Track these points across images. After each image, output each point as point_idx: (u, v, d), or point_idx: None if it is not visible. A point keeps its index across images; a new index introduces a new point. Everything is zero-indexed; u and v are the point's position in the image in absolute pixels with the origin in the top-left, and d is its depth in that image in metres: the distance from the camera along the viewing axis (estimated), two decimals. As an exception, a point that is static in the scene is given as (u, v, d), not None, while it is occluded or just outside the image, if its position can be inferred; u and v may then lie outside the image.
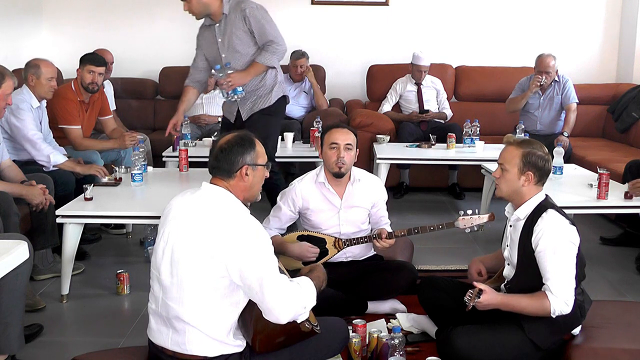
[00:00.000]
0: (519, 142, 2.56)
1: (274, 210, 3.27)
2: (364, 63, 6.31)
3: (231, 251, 1.99)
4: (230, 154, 2.15)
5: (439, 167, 5.46)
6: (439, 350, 2.60)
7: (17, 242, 2.04)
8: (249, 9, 3.70)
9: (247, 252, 1.99)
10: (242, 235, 2.01)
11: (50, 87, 3.97)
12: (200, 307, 2.04)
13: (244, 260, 1.98)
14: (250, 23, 3.70)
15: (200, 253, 2.01)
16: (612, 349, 2.45)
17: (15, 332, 2.58)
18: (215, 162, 2.17)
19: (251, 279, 1.98)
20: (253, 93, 3.87)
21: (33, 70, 3.93)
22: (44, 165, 3.89)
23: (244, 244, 2.00)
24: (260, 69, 3.81)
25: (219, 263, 2.00)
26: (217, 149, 2.18)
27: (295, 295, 2.03)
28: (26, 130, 3.85)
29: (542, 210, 2.45)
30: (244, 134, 2.23)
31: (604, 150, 5.37)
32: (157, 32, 6.32)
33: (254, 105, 3.89)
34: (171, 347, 2.09)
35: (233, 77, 3.72)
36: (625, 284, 3.67)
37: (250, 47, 3.78)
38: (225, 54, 3.79)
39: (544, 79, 5.28)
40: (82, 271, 3.75)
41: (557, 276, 2.36)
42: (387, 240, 3.06)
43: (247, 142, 2.19)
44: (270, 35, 3.76)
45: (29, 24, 6.12)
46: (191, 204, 2.14)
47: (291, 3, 6.37)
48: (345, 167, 3.10)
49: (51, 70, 3.99)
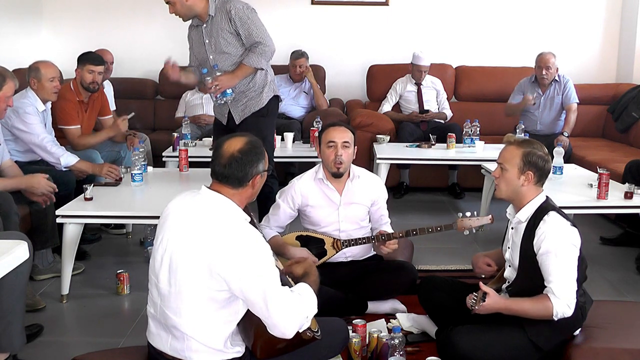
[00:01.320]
0: (520, 141, 2.56)
1: (273, 209, 3.27)
2: (364, 63, 6.31)
3: (232, 267, 1.94)
4: (246, 165, 2.07)
5: (439, 167, 5.46)
6: (439, 350, 2.60)
7: (17, 242, 2.04)
8: (234, 10, 3.61)
9: (249, 269, 1.94)
10: (243, 251, 1.96)
11: (53, 87, 3.95)
12: (199, 319, 2.01)
13: (246, 277, 1.94)
14: (236, 24, 3.62)
15: (199, 266, 1.97)
16: (612, 349, 2.45)
17: (17, 331, 2.58)
18: (226, 171, 2.06)
19: (254, 295, 1.94)
20: (243, 95, 3.79)
21: (34, 73, 3.92)
22: (55, 165, 3.88)
23: (245, 260, 1.95)
24: (248, 70, 3.71)
25: (218, 277, 1.96)
26: (228, 158, 2.07)
27: (299, 308, 2.00)
28: (35, 135, 3.84)
29: (544, 212, 2.45)
30: (254, 141, 2.14)
31: (604, 150, 5.37)
32: (157, 32, 6.33)
33: (246, 108, 3.82)
34: (170, 352, 2.08)
35: (220, 79, 3.62)
36: (625, 284, 3.67)
37: (237, 48, 3.70)
38: (213, 55, 3.73)
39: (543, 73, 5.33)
40: (82, 271, 3.75)
41: (559, 279, 2.36)
42: (390, 245, 3.06)
43: (260, 150, 2.13)
44: (257, 36, 3.65)
45: (29, 24, 6.12)
46: (191, 211, 2.07)
47: (291, 3, 6.37)
48: (343, 166, 3.10)
49: (52, 71, 3.97)
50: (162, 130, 5.95)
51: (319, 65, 6.21)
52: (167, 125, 5.98)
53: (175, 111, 6.00)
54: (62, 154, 3.89)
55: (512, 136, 5.00)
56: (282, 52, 6.16)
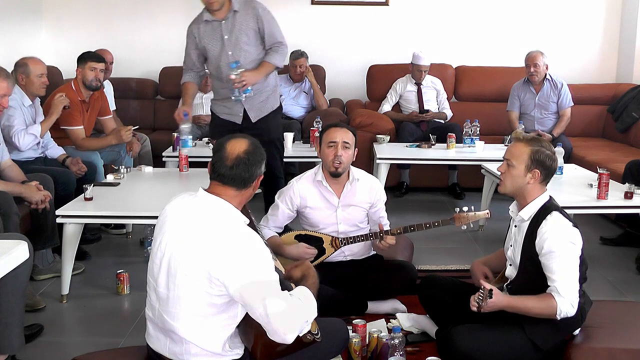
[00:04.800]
0: (529, 139, 2.54)
1: (271, 209, 3.27)
2: (364, 63, 6.30)
3: (231, 273, 1.93)
4: (252, 165, 2.05)
5: (439, 167, 5.46)
6: (439, 350, 2.60)
7: (17, 242, 2.04)
8: (260, 9, 3.71)
9: (248, 275, 1.92)
10: (243, 256, 1.94)
11: (41, 83, 3.97)
12: (197, 324, 2.00)
13: (245, 283, 1.92)
14: (263, 23, 3.70)
15: (198, 271, 1.96)
16: (612, 349, 2.45)
17: (16, 332, 2.57)
18: (233, 172, 2.03)
19: (253, 301, 1.92)
20: (260, 93, 3.85)
21: (22, 69, 3.93)
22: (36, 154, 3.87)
23: (244, 265, 1.93)
24: (270, 69, 3.80)
25: (217, 282, 1.94)
26: (234, 159, 2.03)
27: (299, 313, 1.99)
28: (13, 128, 3.84)
29: (547, 212, 2.45)
30: (255, 142, 2.13)
31: (604, 150, 5.37)
32: (157, 32, 6.32)
33: (264, 106, 3.86)
34: (169, 355, 2.07)
35: (247, 76, 3.65)
36: (625, 284, 3.67)
37: (256, 46, 3.77)
38: (232, 51, 3.75)
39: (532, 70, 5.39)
40: (82, 271, 3.75)
41: (563, 278, 2.36)
42: (388, 241, 3.07)
43: (262, 151, 2.12)
44: (279, 36, 3.78)
45: (29, 24, 6.12)
46: (189, 215, 2.05)
47: (291, 3, 6.37)
48: (342, 166, 3.10)
49: (40, 67, 3.99)
50: (162, 130, 5.95)
51: (319, 65, 6.20)
52: (167, 125, 5.97)
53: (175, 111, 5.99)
54: (23, 147, 3.87)
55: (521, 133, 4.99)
56: (282, 52, 6.20)
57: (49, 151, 4.14)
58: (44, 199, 3.45)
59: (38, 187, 3.46)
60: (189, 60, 3.94)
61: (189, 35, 3.89)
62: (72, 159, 4.07)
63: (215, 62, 3.83)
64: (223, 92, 3.89)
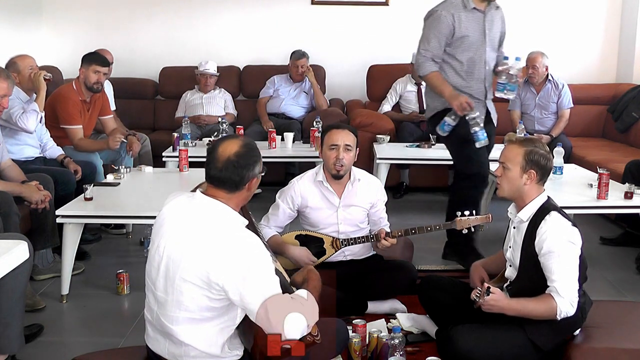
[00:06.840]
0: (521, 140, 2.56)
1: (272, 209, 3.27)
2: (364, 63, 6.30)
3: (230, 277, 1.90)
4: (242, 168, 2.01)
5: (439, 167, 5.45)
6: (439, 350, 2.60)
7: (17, 242, 2.04)
8: (502, 11, 3.68)
9: (248, 279, 1.90)
10: (242, 260, 1.91)
11: (34, 75, 3.97)
12: (196, 327, 1.98)
13: (245, 287, 1.89)
14: (504, 27, 3.71)
15: (196, 275, 1.94)
16: (612, 349, 2.45)
17: (15, 332, 2.57)
18: (222, 175, 2.01)
19: (254, 305, 1.89)
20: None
21: (12, 68, 3.94)
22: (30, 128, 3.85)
23: (244, 269, 1.90)
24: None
25: (216, 286, 1.92)
26: (224, 162, 2.00)
27: (300, 317, 1.95)
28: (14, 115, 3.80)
29: (545, 212, 2.45)
30: (249, 143, 2.08)
31: (604, 150, 5.37)
32: (157, 32, 6.31)
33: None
34: (168, 357, 2.06)
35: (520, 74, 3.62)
36: (625, 284, 3.67)
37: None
38: (489, 47, 3.64)
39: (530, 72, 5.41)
40: (82, 271, 3.75)
41: (562, 278, 2.36)
42: (388, 240, 3.07)
43: (256, 153, 2.08)
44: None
45: (29, 24, 6.12)
46: (187, 218, 2.03)
47: (291, 3, 6.36)
48: (343, 169, 3.11)
49: (29, 61, 4.02)
50: (162, 130, 5.95)
51: (319, 65, 6.20)
52: (167, 125, 5.98)
53: (175, 111, 6.01)
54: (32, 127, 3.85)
55: (514, 135, 5.00)
56: (282, 52, 6.19)
57: (48, 151, 4.13)
58: (44, 199, 3.45)
59: (38, 187, 3.46)
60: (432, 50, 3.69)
61: (439, 20, 3.62)
62: (68, 159, 4.07)
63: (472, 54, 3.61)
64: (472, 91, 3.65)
